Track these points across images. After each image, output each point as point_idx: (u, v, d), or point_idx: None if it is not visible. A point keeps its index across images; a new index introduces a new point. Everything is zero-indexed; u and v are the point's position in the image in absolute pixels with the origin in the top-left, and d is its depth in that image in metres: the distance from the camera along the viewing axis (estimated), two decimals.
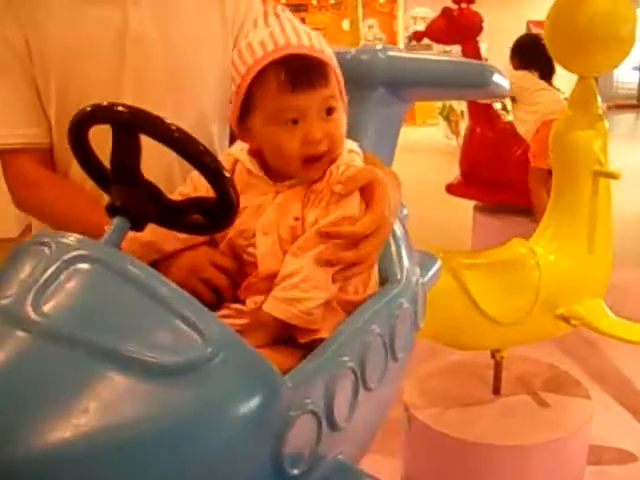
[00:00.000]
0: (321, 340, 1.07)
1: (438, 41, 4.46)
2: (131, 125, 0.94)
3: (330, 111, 1.15)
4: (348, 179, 1.13)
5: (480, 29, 4.14)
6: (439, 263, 1.58)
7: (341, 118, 1.18)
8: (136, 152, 0.97)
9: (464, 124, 8.67)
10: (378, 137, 1.49)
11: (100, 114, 0.97)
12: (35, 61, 1.32)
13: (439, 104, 9.36)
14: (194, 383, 0.82)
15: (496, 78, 1.43)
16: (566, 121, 2.52)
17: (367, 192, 1.14)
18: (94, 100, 1.28)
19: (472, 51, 4.09)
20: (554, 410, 2.50)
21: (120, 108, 0.95)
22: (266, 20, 1.18)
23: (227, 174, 0.98)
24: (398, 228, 1.33)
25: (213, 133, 1.44)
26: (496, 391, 2.60)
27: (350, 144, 1.22)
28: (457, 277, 2.32)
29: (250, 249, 1.18)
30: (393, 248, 1.27)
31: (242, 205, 1.14)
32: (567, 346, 3.42)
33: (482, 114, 4.23)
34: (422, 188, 5.59)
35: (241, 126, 1.19)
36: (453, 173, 4.58)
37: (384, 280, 1.22)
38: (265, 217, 1.18)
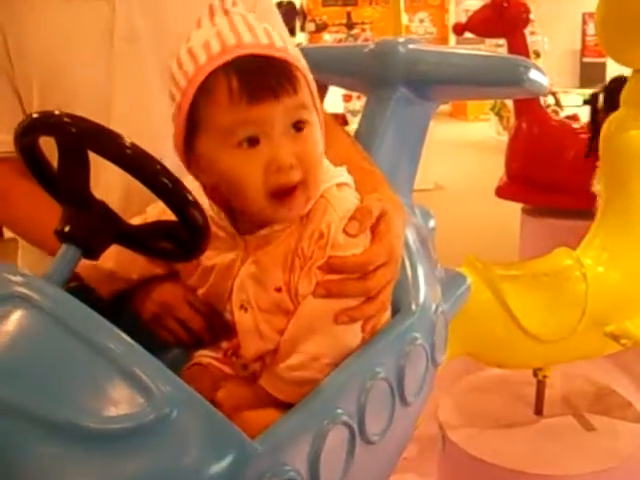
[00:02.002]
0: None
1: (480, 34, 4.24)
2: (77, 140, 0.79)
3: (300, 125, 0.90)
4: (361, 212, 0.93)
5: (527, 21, 3.91)
6: (467, 283, 1.40)
7: (315, 135, 0.92)
8: (84, 170, 0.83)
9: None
10: (398, 145, 1.32)
11: (42, 125, 0.82)
12: (14, 60, 1.19)
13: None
14: (136, 450, 0.67)
15: (533, 75, 1.24)
16: (618, 120, 2.31)
17: (374, 222, 0.96)
18: (82, 103, 1.17)
19: (518, 44, 3.87)
20: (603, 435, 2.30)
21: (66, 119, 0.80)
22: (212, 18, 0.92)
23: (190, 197, 0.82)
24: (415, 246, 1.16)
25: None
26: (538, 412, 2.42)
27: (338, 174, 0.98)
28: (496, 291, 2.13)
29: (227, 314, 1.03)
30: (408, 272, 1.10)
31: (210, 262, 0.99)
32: (623, 361, 3.20)
33: (529, 110, 4.01)
34: (471, 186, 5.39)
35: (188, 155, 0.94)
36: (495, 168, 4.37)
37: (395, 311, 1.06)
38: (239, 289, 0.99)
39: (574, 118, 4.65)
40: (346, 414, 0.88)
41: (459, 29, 3.97)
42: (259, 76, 0.87)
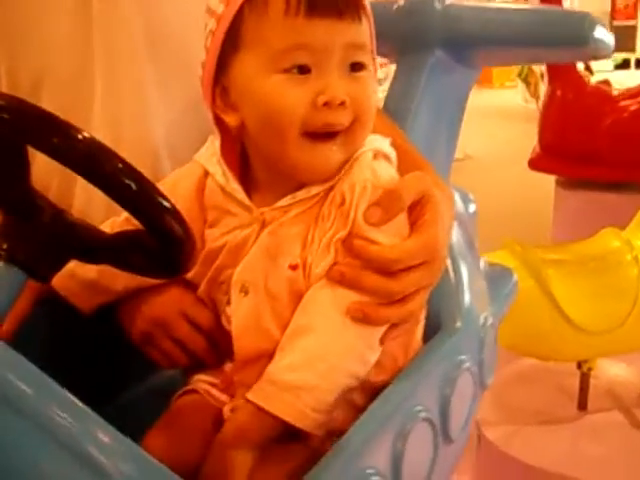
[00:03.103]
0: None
1: None
2: (11, 132, 0.59)
3: (357, 67, 0.77)
4: (389, 195, 0.75)
5: None
6: (514, 279, 1.20)
7: (372, 82, 0.79)
8: (22, 170, 0.63)
9: (543, 86, 8.16)
10: (434, 120, 1.11)
11: None
12: None
13: None
14: None
15: (599, 32, 1.02)
16: None
17: (414, 210, 0.77)
18: (55, 78, 0.98)
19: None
20: None
21: None
22: None
23: (165, 202, 0.62)
24: (459, 244, 0.95)
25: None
26: (582, 406, 2.23)
27: (378, 141, 0.82)
28: (538, 277, 1.93)
29: (228, 309, 0.84)
30: (451, 277, 0.90)
31: (217, 243, 0.81)
32: None
33: (564, 75, 3.75)
34: (500, 156, 5.15)
35: (216, 83, 0.80)
36: (532, 140, 4.13)
37: (436, 327, 0.85)
38: (244, 267, 0.81)
39: (606, 83, 4.40)
40: (378, 473, 0.68)
41: None
42: None
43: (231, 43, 0.77)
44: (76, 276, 0.83)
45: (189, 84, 1.05)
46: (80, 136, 0.58)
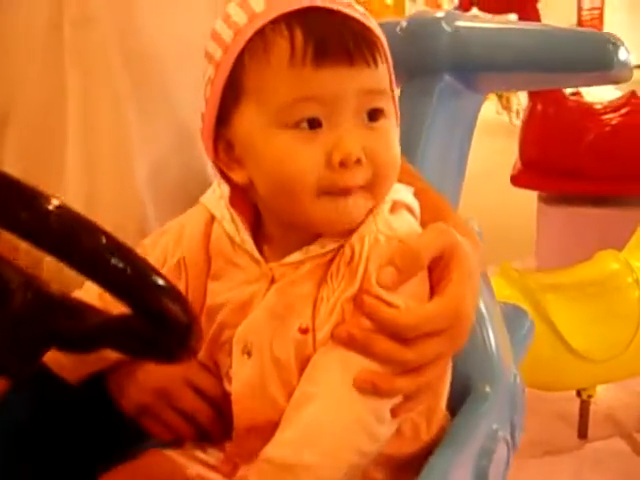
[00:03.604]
0: None
1: (490, 9, 3.90)
2: None
3: (376, 114, 0.68)
4: (404, 254, 0.66)
5: None
6: (530, 322, 1.11)
7: (393, 131, 0.70)
8: None
9: (515, 99, 8.16)
10: (444, 146, 1.03)
11: None
12: None
13: None
14: None
15: (622, 55, 0.94)
16: None
17: (436, 267, 0.68)
18: (23, 112, 0.89)
19: (531, 19, 3.55)
20: None
21: None
22: None
23: (161, 280, 0.51)
24: (483, 292, 0.86)
25: (200, 149, 0.99)
26: (582, 435, 2.17)
27: (400, 191, 0.73)
28: (536, 304, 1.85)
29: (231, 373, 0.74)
30: (477, 333, 0.80)
31: (219, 298, 0.74)
32: None
33: (544, 90, 3.71)
34: (477, 172, 5.08)
35: (218, 137, 0.72)
36: (506, 153, 4.08)
37: (463, 389, 0.76)
38: (247, 327, 0.72)
39: (577, 95, 4.38)
40: None
41: (465, 5, 3.64)
42: (332, 34, 0.65)
43: (232, 93, 0.69)
44: None
45: (173, 119, 0.96)
46: (51, 207, 0.47)
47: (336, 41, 0.65)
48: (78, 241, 0.46)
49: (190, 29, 0.96)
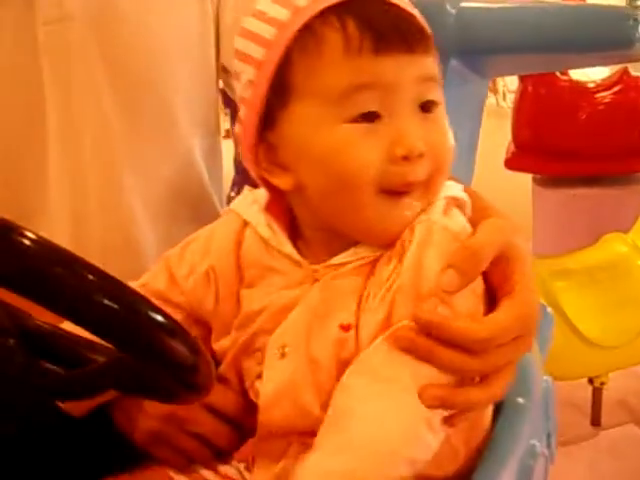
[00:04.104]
0: None
1: None
2: None
3: (430, 105, 0.64)
4: (466, 254, 0.61)
5: None
6: (551, 318, 1.05)
7: (446, 124, 0.66)
8: None
9: (501, 81, 8.11)
10: (453, 134, 0.96)
11: None
12: None
13: None
14: None
15: None
16: None
17: (499, 266, 0.63)
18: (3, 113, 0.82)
19: None
20: None
21: None
22: None
23: (159, 316, 0.44)
24: None
25: (195, 156, 0.93)
26: (595, 422, 2.12)
27: (451, 187, 0.68)
28: (547, 292, 1.81)
29: (258, 383, 0.69)
30: None
31: (258, 303, 0.69)
32: None
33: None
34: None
35: (261, 143, 0.67)
36: (496, 135, 4.02)
37: (496, 405, 0.70)
38: (286, 324, 0.67)
39: (565, 74, 4.33)
40: None
41: None
42: (387, 21, 0.62)
43: (277, 93, 0.64)
44: None
45: (162, 123, 0.91)
46: (26, 242, 0.39)
47: (393, 28, 0.62)
48: (59, 280, 0.39)
49: (176, 20, 0.90)
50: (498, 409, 0.70)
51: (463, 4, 0.95)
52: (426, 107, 0.64)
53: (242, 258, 0.72)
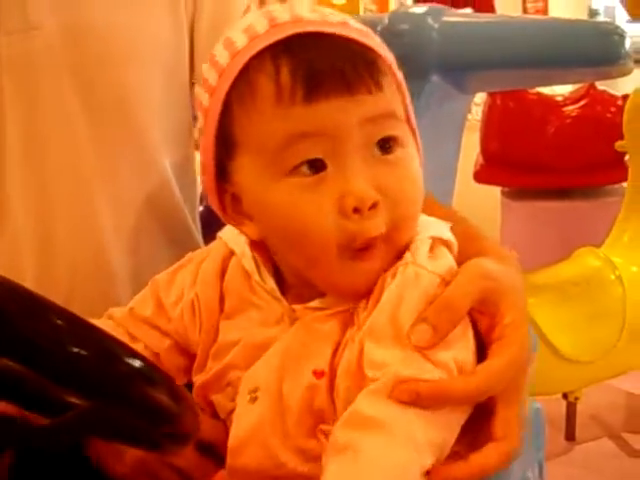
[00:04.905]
0: None
1: (445, 4, 3.89)
2: None
3: (389, 144, 0.58)
4: (438, 306, 0.57)
5: None
6: (532, 334, 1.03)
7: (412, 161, 0.60)
8: None
9: None
10: (433, 151, 0.93)
11: None
12: None
13: None
14: None
15: (628, 47, 0.86)
16: None
17: (484, 317, 0.59)
18: None
19: (486, 9, 3.53)
20: None
21: None
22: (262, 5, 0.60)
23: (140, 363, 0.41)
24: None
25: (167, 173, 0.89)
26: (569, 437, 2.12)
27: (438, 226, 0.63)
28: None
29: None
30: None
31: (233, 335, 0.65)
32: None
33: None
34: None
35: (221, 193, 0.63)
36: (463, 147, 4.03)
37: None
38: (259, 365, 0.63)
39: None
40: None
41: (420, 1, 3.61)
42: (324, 61, 0.56)
43: (225, 143, 0.60)
44: None
45: (132, 142, 0.87)
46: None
47: (329, 69, 0.56)
48: (21, 327, 0.35)
49: (147, 30, 0.86)
50: None
51: (445, 18, 0.93)
52: (384, 147, 0.59)
53: (225, 288, 0.68)
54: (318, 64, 0.56)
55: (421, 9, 0.96)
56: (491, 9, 3.55)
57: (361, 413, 0.55)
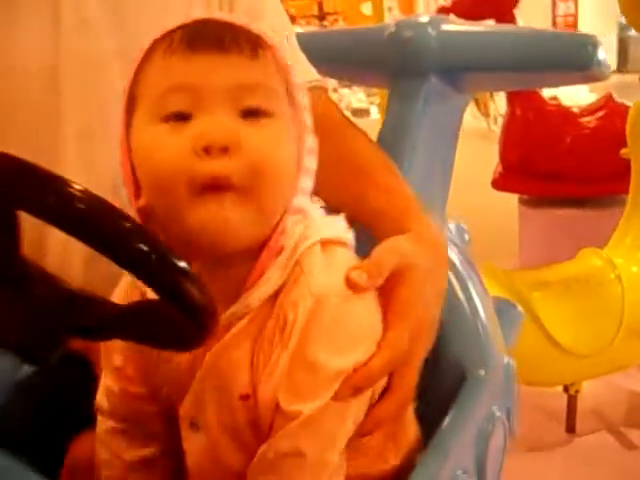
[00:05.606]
0: None
1: (467, 16, 3.95)
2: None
3: (254, 112, 0.63)
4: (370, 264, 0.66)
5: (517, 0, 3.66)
6: (520, 312, 1.15)
7: (277, 130, 0.64)
8: (12, 238, 0.55)
9: (493, 105, 8.21)
10: (431, 149, 1.06)
11: None
12: None
13: None
14: None
15: (601, 55, 0.98)
16: None
17: (387, 290, 0.67)
18: (26, 111, 0.88)
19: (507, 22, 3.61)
20: None
21: None
22: None
23: (182, 264, 0.54)
24: (473, 285, 0.90)
25: None
26: (570, 429, 2.20)
27: (328, 225, 0.69)
28: (523, 301, 1.88)
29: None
30: (469, 323, 0.84)
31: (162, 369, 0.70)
32: None
33: (523, 95, 3.75)
34: (457, 177, 5.13)
35: (126, 145, 0.67)
36: (486, 158, 4.11)
37: (459, 376, 0.79)
38: (190, 399, 0.68)
39: (554, 99, 4.43)
40: None
41: (444, 12, 3.70)
42: (208, 27, 0.65)
43: (131, 100, 0.67)
44: None
45: None
46: (79, 193, 0.50)
47: (210, 32, 0.64)
48: (103, 225, 0.49)
49: (174, 11, 0.91)
50: (461, 381, 0.79)
51: (444, 27, 1.05)
52: (248, 114, 0.63)
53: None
54: (203, 29, 0.64)
55: (424, 18, 1.08)
56: (512, 21, 3.63)
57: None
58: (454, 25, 1.07)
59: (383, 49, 1.07)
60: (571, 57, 0.98)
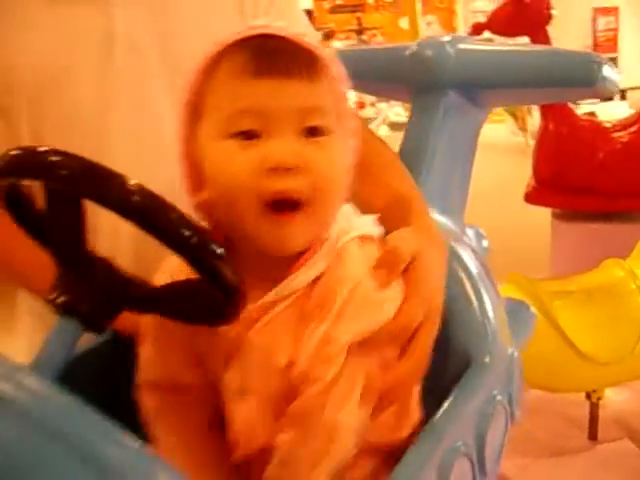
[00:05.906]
0: None
1: (502, 33, 4.02)
2: (69, 185, 0.61)
3: (316, 132, 0.71)
4: (388, 256, 0.75)
5: (549, 17, 3.72)
6: (532, 313, 1.22)
7: (338, 146, 0.72)
8: (78, 222, 0.66)
9: (531, 119, 8.21)
10: (449, 160, 1.14)
11: (23, 167, 0.62)
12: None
13: None
14: None
15: (606, 72, 1.06)
16: None
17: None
18: (80, 122, 0.97)
19: (542, 42, 3.67)
20: None
21: (53, 158, 0.61)
22: None
23: (218, 249, 0.64)
24: (481, 279, 0.98)
25: None
26: (592, 436, 2.25)
27: (363, 223, 0.77)
28: (545, 309, 1.95)
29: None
30: (477, 313, 0.92)
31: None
32: None
33: (556, 110, 3.80)
34: (492, 191, 5.17)
35: (188, 155, 0.74)
36: (523, 172, 4.16)
37: (464, 363, 0.87)
38: (238, 369, 0.74)
39: (592, 115, 4.45)
40: None
41: (479, 28, 3.76)
42: (274, 52, 0.70)
43: (194, 112, 0.73)
44: None
45: None
46: (133, 187, 0.60)
47: (275, 56, 0.70)
48: (156, 215, 0.60)
49: (213, 31, 1.03)
50: (466, 368, 0.87)
51: (460, 46, 1.14)
52: (312, 132, 0.70)
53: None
54: (267, 54, 0.70)
55: (445, 38, 1.18)
56: (545, 37, 3.69)
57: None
58: (471, 44, 1.16)
59: (406, 66, 1.16)
60: (578, 74, 1.07)
